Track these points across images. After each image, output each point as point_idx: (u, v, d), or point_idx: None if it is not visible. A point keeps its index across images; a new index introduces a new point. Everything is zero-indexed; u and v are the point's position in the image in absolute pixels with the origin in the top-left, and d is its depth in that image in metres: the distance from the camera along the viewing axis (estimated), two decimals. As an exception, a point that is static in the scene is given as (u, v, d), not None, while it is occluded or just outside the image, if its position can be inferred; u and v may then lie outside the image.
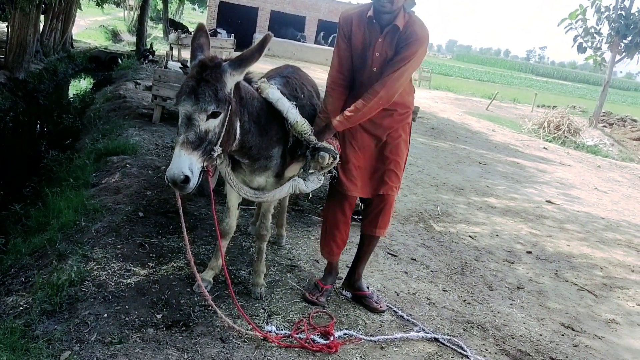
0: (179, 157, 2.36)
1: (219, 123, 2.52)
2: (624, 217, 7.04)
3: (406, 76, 3.01)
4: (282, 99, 2.99)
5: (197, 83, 2.44)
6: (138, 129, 6.95)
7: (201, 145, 2.44)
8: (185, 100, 2.42)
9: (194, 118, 2.42)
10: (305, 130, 3.04)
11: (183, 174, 2.34)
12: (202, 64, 2.50)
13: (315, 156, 3.07)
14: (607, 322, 3.82)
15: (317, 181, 3.22)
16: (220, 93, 2.48)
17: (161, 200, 4.63)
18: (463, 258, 4.57)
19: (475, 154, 9.82)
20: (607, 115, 20.11)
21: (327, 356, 2.81)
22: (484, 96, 23.25)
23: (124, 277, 3.26)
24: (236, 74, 2.57)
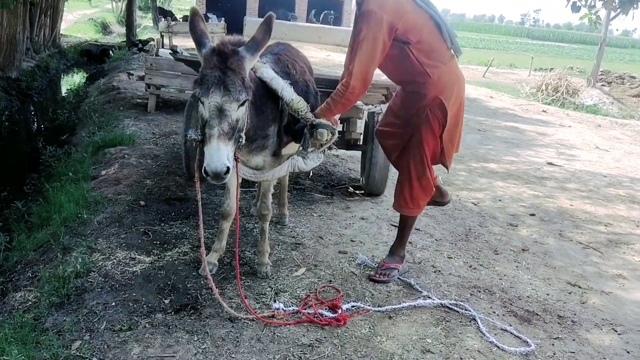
0: (218, 150, 2.36)
1: (245, 110, 2.54)
2: (626, 173, 7.02)
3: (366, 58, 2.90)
4: (277, 78, 2.96)
5: (223, 73, 2.42)
6: (134, 119, 6.93)
7: (234, 135, 2.47)
8: (214, 91, 2.41)
9: (226, 108, 2.41)
10: (301, 108, 3.02)
11: (225, 166, 2.35)
12: (220, 52, 2.47)
13: (314, 133, 3.05)
14: (614, 278, 3.83)
15: (316, 159, 3.20)
16: (246, 80, 2.50)
17: (162, 188, 4.63)
18: (467, 225, 4.57)
19: (473, 121, 9.77)
20: (605, 74, 19.93)
21: (336, 329, 2.82)
22: (480, 63, 23.05)
23: (129, 266, 3.27)
24: (253, 58, 2.58)
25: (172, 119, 6.97)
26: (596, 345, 2.93)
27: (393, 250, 3.55)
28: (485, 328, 2.95)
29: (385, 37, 2.95)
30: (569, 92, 14.31)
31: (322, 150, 3.18)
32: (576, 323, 3.14)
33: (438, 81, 3.10)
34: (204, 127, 2.47)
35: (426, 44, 3.06)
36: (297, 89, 3.18)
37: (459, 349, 2.77)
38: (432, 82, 3.09)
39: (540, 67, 21.41)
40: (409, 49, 3.03)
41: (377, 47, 2.93)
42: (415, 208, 3.39)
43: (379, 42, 2.93)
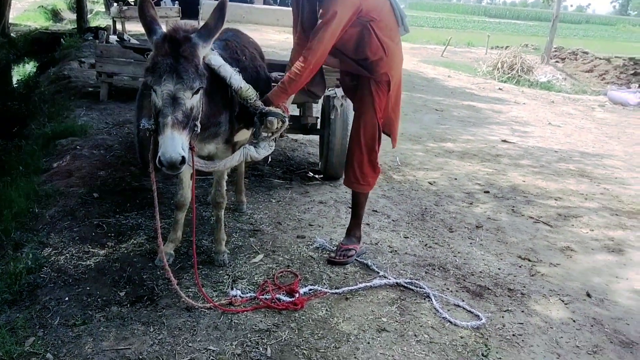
0: (172, 139, 2.31)
1: (199, 98, 2.52)
2: (577, 148, 7.26)
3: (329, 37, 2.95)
4: (225, 65, 2.92)
5: (175, 60, 2.38)
6: (86, 108, 6.75)
7: (188, 123, 2.43)
8: (167, 79, 2.37)
9: (179, 97, 2.38)
10: (250, 96, 2.99)
11: (180, 155, 2.31)
12: (172, 38, 2.43)
13: (264, 121, 3.04)
14: (562, 250, 3.98)
15: (268, 147, 3.19)
16: (200, 68, 2.47)
17: (116, 179, 4.56)
18: (423, 204, 4.66)
19: (431, 101, 9.90)
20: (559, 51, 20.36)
21: (293, 313, 2.86)
22: (439, 43, 23.22)
23: (82, 260, 3.22)
24: (206, 45, 2.55)
25: (126, 107, 6.82)
26: (544, 316, 3.06)
27: (349, 232, 3.61)
28: (439, 304, 3.04)
29: (350, 19, 3.02)
30: (524, 69, 14.61)
31: (273, 139, 3.17)
32: (525, 295, 3.27)
33: (391, 58, 3.24)
34: (157, 116, 2.43)
35: (384, 22, 3.17)
36: (247, 76, 3.16)
37: (413, 326, 2.84)
38: (386, 59, 3.21)
39: (496, 45, 21.70)
40: (370, 26, 3.11)
41: (339, 28, 3.00)
42: (366, 185, 3.47)
43: (342, 24, 3.00)
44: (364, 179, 3.45)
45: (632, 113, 10.84)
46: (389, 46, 3.16)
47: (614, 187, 5.56)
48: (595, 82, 15.29)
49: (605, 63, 16.61)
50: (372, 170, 3.46)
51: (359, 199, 3.58)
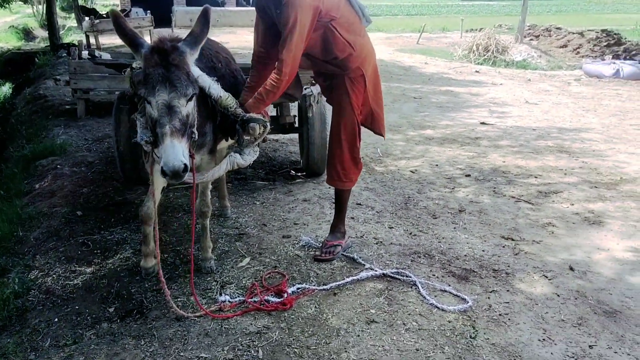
0: (173, 148, 2.34)
1: (193, 105, 2.54)
2: (554, 124, 7.34)
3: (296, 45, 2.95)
4: (202, 75, 2.94)
5: (166, 69, 2.41)
6: (64, 127, 6.73)
7: (186, 131, 2.46)
8: (160, 89, 2.39)
9: (175, 105, 2.40)
10: (230, 105, 3.01)
11: (183, 163, 2.34)
12: (160, 49, 2.45)
13: (246, 128, 3.06)
14: (544, 227, 4.05)
15: (253, 153, 3.23)
16: (191, 74, 2.50)
17: (99, 195, 4.56)
18: (406, 193, 4.71)
19: (410, 89, 9.96)
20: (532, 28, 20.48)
21: (282, 313, 2.89)
22: (414, 30, 23.28)
23: (70, 279, 3.24)
24: (194, 52, 2.57)
25: (105, 122, 6.80)
26: (528, 293, 3.12)
27: (334, 228, 3.65)
28: (426, 291, 3.09)
29: (312, 22, 3.02)
30: (499, 50, 14.71)
31: (257, 144, 3.20)
32: (510, 274, 3.32)
33: (360, 52, 3.26)
34: (154, 127, 2.45)
35: (345, 19, 3.17)
36: (225, 82, 3.19)
37: (402, 315, 2.89)
38: (355, 54, 3.23)
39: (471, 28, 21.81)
40: (332, 26, 3.11)
41: (304, 33, 2.99)
42: (348, 182, 3.50)
43: (306, 29, 2.99)
44: (347, 176, 3.48)
45: (608, 85, 10.96)
46: (355, 41, 3.19)
47: (592, 160, 5.64)
48: (570, 57, 15.42)
49: (578, 37, 16.74)
50: (354, 167, 3.49)
51: (342, 195, 3.61)
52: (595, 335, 2.73)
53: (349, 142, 3.40)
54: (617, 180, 5.03)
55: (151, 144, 2.57)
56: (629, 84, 11.12)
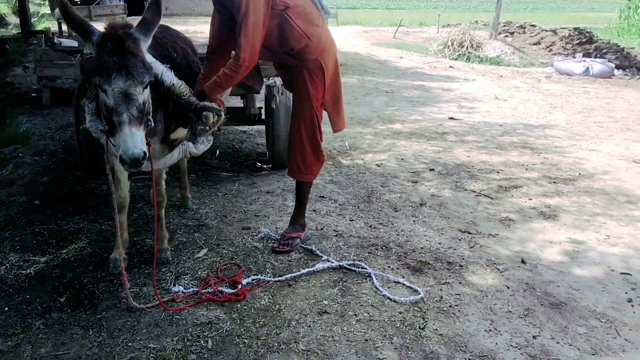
0: (132, 136, 2.31)
1: (149, 92, 2.52)
2: (521, 120, 7.45)
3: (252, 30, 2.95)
4: (155, 63, 2.91)
5: (121, 57, 2.37)
6: (29, 115, 6.62)
7: (143, 118, 2.43)
8: (117, 77, 2.35)
9: (132, 93, 2.37)
10: (183, 92, 2.99)
11: (142, 151, 2.32)
12: (114, 36, 2.40)
13: (200, 116, 3.05)
14: (502, 221, 4.12)
15: (206, 142, 3.21)
16: (146, 62, 2.47)
17: (59, 184, 4.51)
18: (369, 187, 4.74)
19: (382, 83, 9.99)
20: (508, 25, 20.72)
21: (235, 304, 2.91)
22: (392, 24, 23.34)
23: (23, 268, 3.20)
24: (147, 39, 2.54)
25: (70, 110, 6.64)
26: (480, 285, 3.18)
27: (293, 220, 3.67)
28: (379, 283, 3.13)
29: (266, 8, 3.01)
30: (473, 46, 14.83)
31: (210, 133, 3.19)
32: (463, 267, 3.38)
33: (318, 44, 3.26)
34: (110, 115, 2.41)
35: (301, 8, 3.18)
36: (180, 72, 3.16)
37: (354, 306, 2.92)
38: (313, 45, 3.23)
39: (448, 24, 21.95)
40: (287, 15, 3.11)
41: (259, 19, 2.98)
42: (309, 174, 3.51)
43: (260, 15, 2.99)
44: (308, 168, 3.49)
45: (577, 82, 11.15)
46: (312, 31, 3.19)
47: (554, 156, 5.75)
48: (543, 54, 15.64)
49: (551, 34, 16.99)
50: (315, 159, 3.50)
51: (303, 188, 3.63)
52: (539, 326, 2.80)
53: (309, 134, 3.41)
54: (575, 176, 5.14)
55: (106, 133, 2.54)
56: (598, 81, 11.33)
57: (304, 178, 3.54)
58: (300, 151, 3.45)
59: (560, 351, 2.62)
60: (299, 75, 3.35)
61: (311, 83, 3.33)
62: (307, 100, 3.35)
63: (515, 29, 19.69)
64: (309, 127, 3.40)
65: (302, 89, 3.35)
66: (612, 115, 7.96)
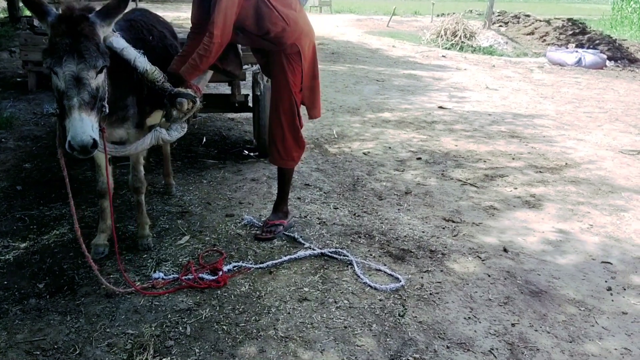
0: (81, 121, 2.25)
1: (104, 77, 2.46)
2: (510, 110, 7.45)
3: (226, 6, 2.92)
4: (128, 48, 2.87)
5: (74, 39, 2.30)
6: (13, 99, 6.54)
7: (96, 104, 2.37)
8: (68, 60, 2.29)
9: (83, 77, 2.31)
10: (157, 78, 2.95)
11: (91, 138, 2.26)
12: (68, 18, 2.34)
13: (174, 103, 3.01)
14: (486, 209, 4.12)
15: (180, 129, 3.15)
16: (101, 46, 2.41)
17: (42, 170, 4.47)
18: (355, 175, 4.73)
19: (373, 72, 9.96)
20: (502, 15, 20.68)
21: (215, 291, 2.89)
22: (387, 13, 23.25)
23: (1, 254, 3.17)
24: (105, 25, 2.48)
25: (56, 96, 6.63)
26: (461, 273, 3.18)
27: (276, 207, 3.65)
28: (360, 270, 3.12)
29: None
30: (466, 35, 14.81)
31: (185, 120, 3.15)
32: (445, 255, 3.38)
33: (295, 28, 3.24)
34: (61, 99, 2.35)
35: None
36: (155, 56, 3.13)
37: (334, 293, 2.92)
38: (290, 29, 3.20)
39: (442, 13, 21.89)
40: None
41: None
42: (289, 160, 3.50)
43: None
44: (288, 154, 3.47)
45: (569, 72, 11.16)
46: (289, 15, 3.16)
47: (541, 146, 5.76)
48: (536, 44, 15.64)
49: (545, 25, 16.95)
50: (295, 145, 3.49)
51: (285, 174, 3.61)
52: (519, 314, 2.81)
53: (288, 120, 3.39)
54: (562, 165, 5.15)
55: (58, 117, 2.49)
56: (589, 72, 11.35)
57: (285, 164, 3.53)
58: (280, 138, 3.43)
59: (538, 339, 2.63)
60: (277, 61, 3.32)
61: (289, 68, 3.30)
62: (286, 86, 3.32)
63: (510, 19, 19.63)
64: (288, 113, 3.37)
65: (280, 74, 3.33)
66: (601, 105, 7.98)
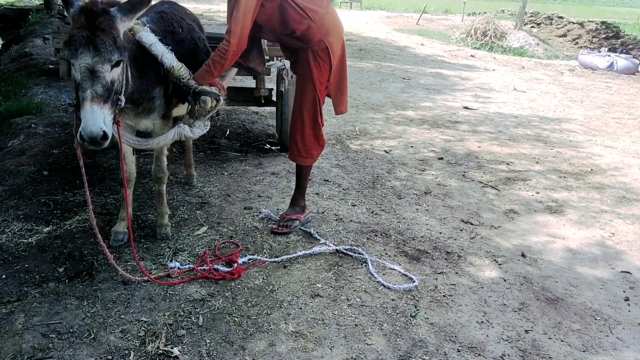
0: (92, 113, 2.29)
1: (121, 71, 2.49)
2: (537, 113, 7.33)
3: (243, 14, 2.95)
4: (156, 44, 2.91)
5: (91, 32, 2.34)
6: (44, 86, 6.68)
7: (110, 97, 2.40)
8: (83, 52, 2.32)
9: (98, 70, 2.35)
10: (182, 75, 2.99)
11: (101, 130, 2.29)
12: (88, 10, 2.38)
13: (198, 101, 3.04)
14: (506, 213, 4.07)
15: (203, 127, 3.20)
16: (118, 40, 2.43)
17: (68, 156, 4.56)
18: (375, 172, 4.72)
19: (400, 70, 9.90)
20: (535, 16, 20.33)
21: (229, 282, 2.93)
22: (417, 11, 23.05)
23: (24, 237, 3.25)
24: (127, 20, 2.51)
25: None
26: (476, 276, 3.16)
27: (293, 202, 3.67)
28: (375, 269, 3.12)
29: None
30: (497, 35, 14.60)
31: (208, 118, 3.18)
32: (462, 257, 3.36)
33: (321, 25, 3.22)
34: (76, 90, 2.40)
35: None
36: (184, 48, 3.18)
37: (347, 291, 2.92)
38: (315, 26, 3.19)
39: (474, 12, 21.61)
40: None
41: (251, 3, 2.95)
42: (308, 158, 3.50)
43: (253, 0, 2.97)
44: (307, 152, 3.48)
45: (600, 77, 10.93)
46: (315, 12, 3.15)
47: (567, 150, 5.66)
48: (568, 47, 15.36)
49: (578, 27, 16.64)
50: (315, 143, 3.48)
51: (302, 170, 3.62)
52: (533, 321, 2.78)
53: (311, 117, 3.39)
54: (586, 171, 5.06)
55: (75, 107, 2.54)
56: (621, 77, 11.10)
57: (303, 162, 3.54)
58: (301, 134, 3.43)
59: (551, 347, 2.59)
60: (304, 57, 3.33)
61: (315, 65, 3.30)
62: (311, 83, 3.33)
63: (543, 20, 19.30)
64: (310, 109, 3.38)
65: (306, 71, 3.33)
66: (631, 112, 7.80)
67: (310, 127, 3.41)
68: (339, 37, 3.37)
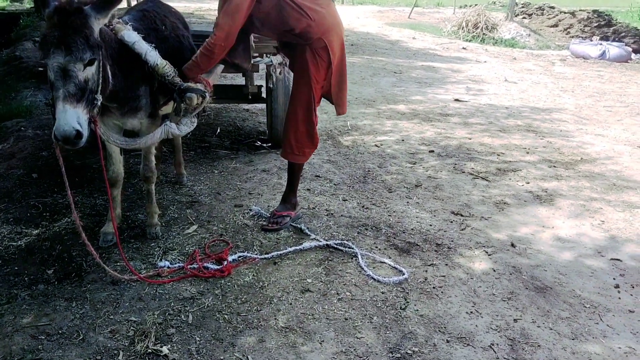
0: (64, 113, 2.28)
1: (95, 70, 2.46)
2: (528, 104, 7.34)
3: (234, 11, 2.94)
4: (139, 42, 2.90)
5: (63, 32, 2.32)
6: (34, 89, 6.66)
7: (84, 96, 2.38)
8: (55, 52, 2.31)
9: (70, 69, 2.33)
10: (167, 73, 2.98)
11: (74, 129, 2.27)
12: (61, 9, 2.36)
13: (183, 98, 3.03)
14: (496, 204, 4.08)
15: (190, 124, 3.18)
16: (91, 38, 2.40)
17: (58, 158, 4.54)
18: (366, 167, 4.72)
19: (391, 64, 9.89)
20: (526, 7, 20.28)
21: (219, 280, 2.93)
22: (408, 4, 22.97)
23: (14, 240, 3.25)
24: (101, 17, 2.48)
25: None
26: (466, 267, 3.16)
27: (284, 198, 3.67)
28: (365, 263, 3.13)
29: None
30: (488, 27, 14.57)
31: (195, 115, 3.17)
32: (452, 249, 3.37)
33: (321, 23, 3.20)
34: (52, 90, 2.40)
35: None
36: (168, 45, 3.17)
37: (337, 285, 2.93)
38: (314, 24, 3.18)
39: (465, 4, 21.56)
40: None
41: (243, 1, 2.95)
42: (301, 156, 3.49)
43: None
44: (300, 150, 3.47)
45: (591, 66, 10.93)
46: (314, 11, 3.13)
47: (557, 140, 5.67)
48: (560, 37, 15.33)
49: (570, 17, 16.59)
50: (309, 142, 3.47)
51: (294, 168, 3.61)
52: (522, 310, 2.79)
53: (305, 115, 3.37)
54: (577, 160, 5.07)
55: (51, 107, 2.53)
56: (613, 65, 11.11)
57: (295, 159, 3.53)
58: (294, 132, 3.42)
59: (540, 335, 2.60)
60: (302, 55, 3.30)
61: (313, 63, 3.28)
62: (307, 81, 3.30)
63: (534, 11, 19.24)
64: (305, 106, 3.36)
65: (304, 68, 3.30)
66: (623, 99, 7.81)
67: (304, 124, 3.39)
68: (339, 36, 3.34)
